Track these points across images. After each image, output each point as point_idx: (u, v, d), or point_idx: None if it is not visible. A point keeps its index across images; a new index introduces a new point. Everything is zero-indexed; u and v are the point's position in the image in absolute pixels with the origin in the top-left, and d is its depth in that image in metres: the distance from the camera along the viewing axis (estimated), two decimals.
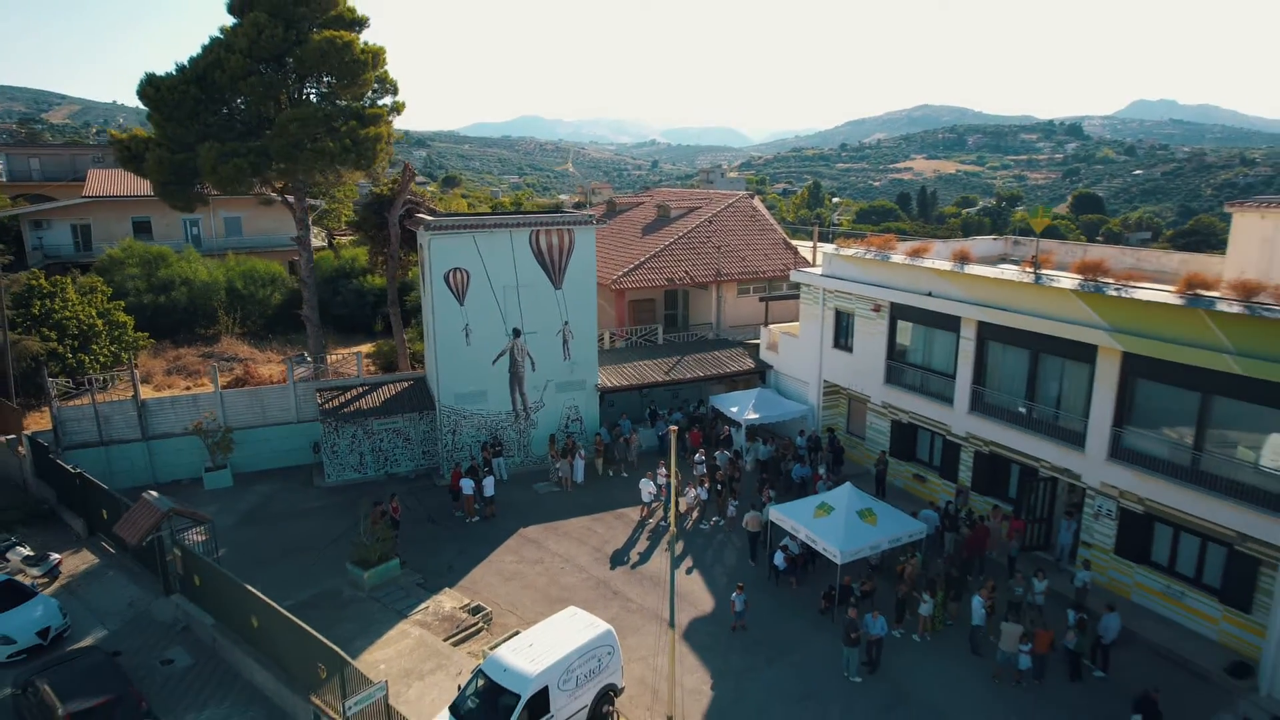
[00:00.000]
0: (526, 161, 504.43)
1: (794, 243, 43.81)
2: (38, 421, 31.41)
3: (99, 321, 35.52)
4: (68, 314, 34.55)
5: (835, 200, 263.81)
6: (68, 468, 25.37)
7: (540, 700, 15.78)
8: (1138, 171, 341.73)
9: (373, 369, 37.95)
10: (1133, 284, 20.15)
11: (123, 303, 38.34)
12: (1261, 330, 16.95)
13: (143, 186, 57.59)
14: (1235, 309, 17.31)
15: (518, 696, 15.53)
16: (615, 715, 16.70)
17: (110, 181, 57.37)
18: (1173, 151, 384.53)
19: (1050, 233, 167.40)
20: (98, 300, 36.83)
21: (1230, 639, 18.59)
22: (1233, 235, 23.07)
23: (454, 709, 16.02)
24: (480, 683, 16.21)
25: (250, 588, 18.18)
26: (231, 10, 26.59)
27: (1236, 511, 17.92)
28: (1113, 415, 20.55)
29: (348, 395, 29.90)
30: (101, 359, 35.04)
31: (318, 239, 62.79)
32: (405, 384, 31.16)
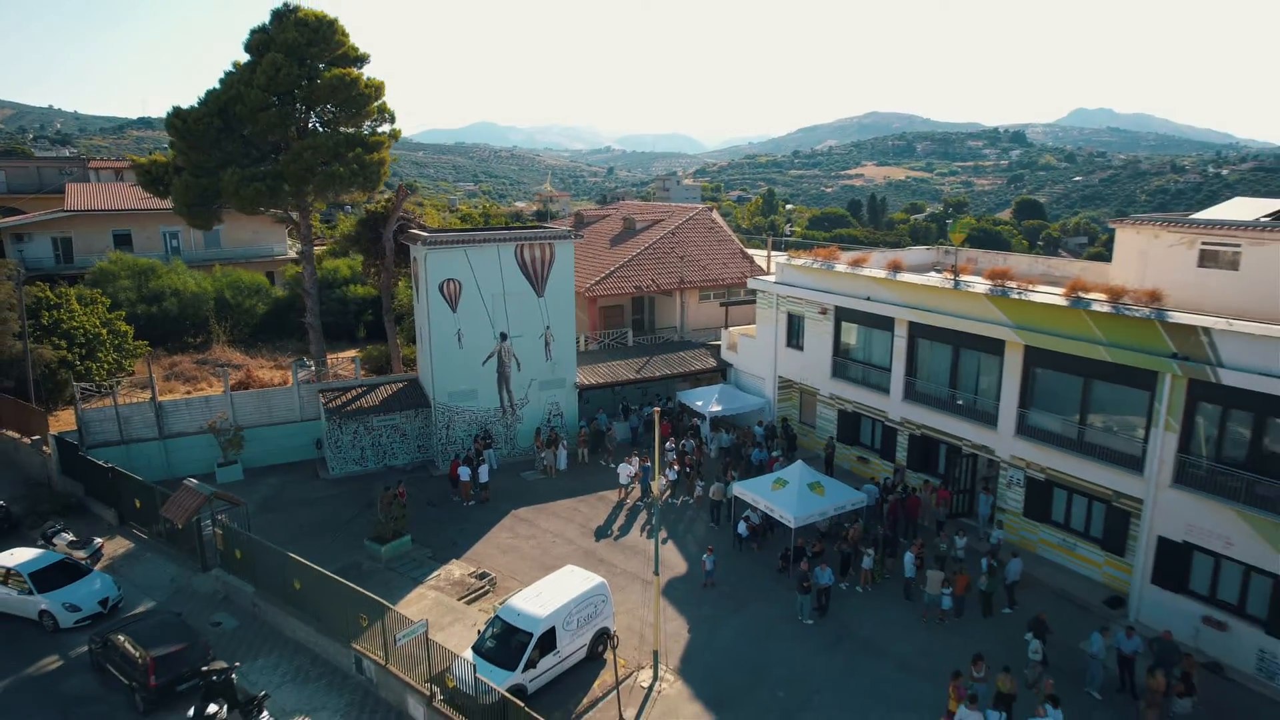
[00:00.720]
0: (481, 169, 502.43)
1: (749, 251, 47.61)
2: (54, 424, 33.67)
3: (103, 331, 37.80)
4: (74, 324, 36.80)
5: (789, 207, 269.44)
6: (100, 463, 27.93)
7: (548, 638, 19.09)
8: (1078, 178, 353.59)
9: (363, 372, 40.71)
10: (1031, 289, 24.18)
11: (123, 312, 40.56)
12: (1125, 325, 21.02)
13: (123, 200, 59.69)
14: (1105, 309, 21.37)
15: (530, 634, 18.82)
16: (615, 641, 19.90)
17: (90, 195, 58.98)
18: (1109, 159, 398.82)
19: (993, 238, 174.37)
20: (99, 311, 39.07)
21: (1110, 578, 22.62)
22: (1116, 247, 27.30)
23: (476, 648, 19.21)
24: (496, 628, 19.46)
25: (294, 555, 21.18)
26: (249, 49, 29.41)
27: (1112, 474, 21.98)
28: (1018, 399, 24.55)
29: (348, 395, 32.77)
30: (106, 366, 37.35)
31: (292, 251, 65.10)
32: (400, 385, 34.14)
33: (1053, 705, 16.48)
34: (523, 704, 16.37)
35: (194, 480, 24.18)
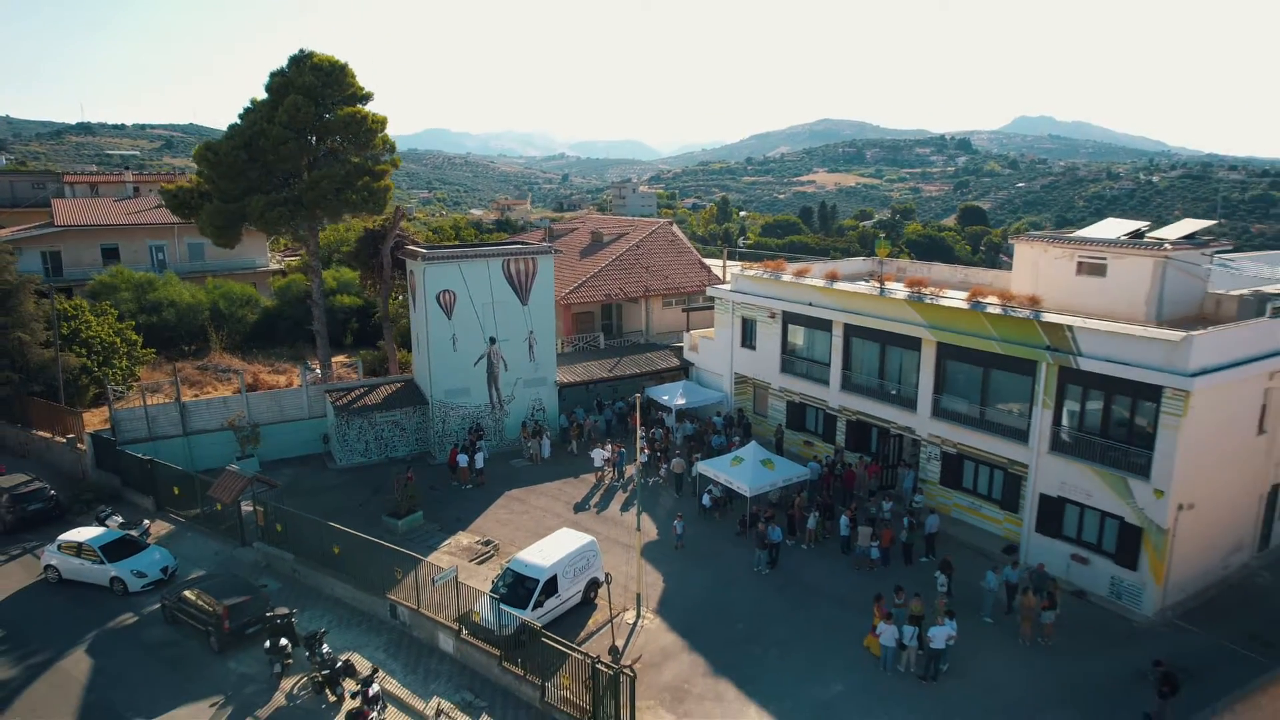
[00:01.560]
0: (435, 176, 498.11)
1: (707, 261, 52.39)
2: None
3: (117, 339, 41.06)
4: (90, 333, 40.03)
5: (743, 214, 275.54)
6: (140, 456, 31.49)
7: (552, 584, 23.42)
8: (1020, 184, 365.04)
9: (356, 374, 44.44)
10: (941, 295, 29.21)
11: (133, 322, 43.77)
12: (1012, 324, 26.09)
13: (111, 215, 62.33)
14: (997, 311, 26.43)
15: (537, 580, 23.12)
16: (610, 578, 24.22)
17: (79, 211, 61.44)
18: (1050, 166, 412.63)
19: (938, 244, 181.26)
20: (110, 321, 42.27)
21: (1007, 531, 27.67)
22: (1015, 259, 32.50)
23: (492, 594, 23.42)
24: (508, 578, 23.71)
25: (333, 524, 25.19)
26: (269, 90, 33.14)
27: (1006, 445, 27.04)
28: (933, 386, 29.52)
29: (353, 395, 36.64)
30: (120, 372, 40.60)
31: (273, 263, 68.25)
32: (398, 385, 38.10)
33: (950, 618, 21.33)
34: (538, 627, 20.66)
35: (236, 466, 27.95)
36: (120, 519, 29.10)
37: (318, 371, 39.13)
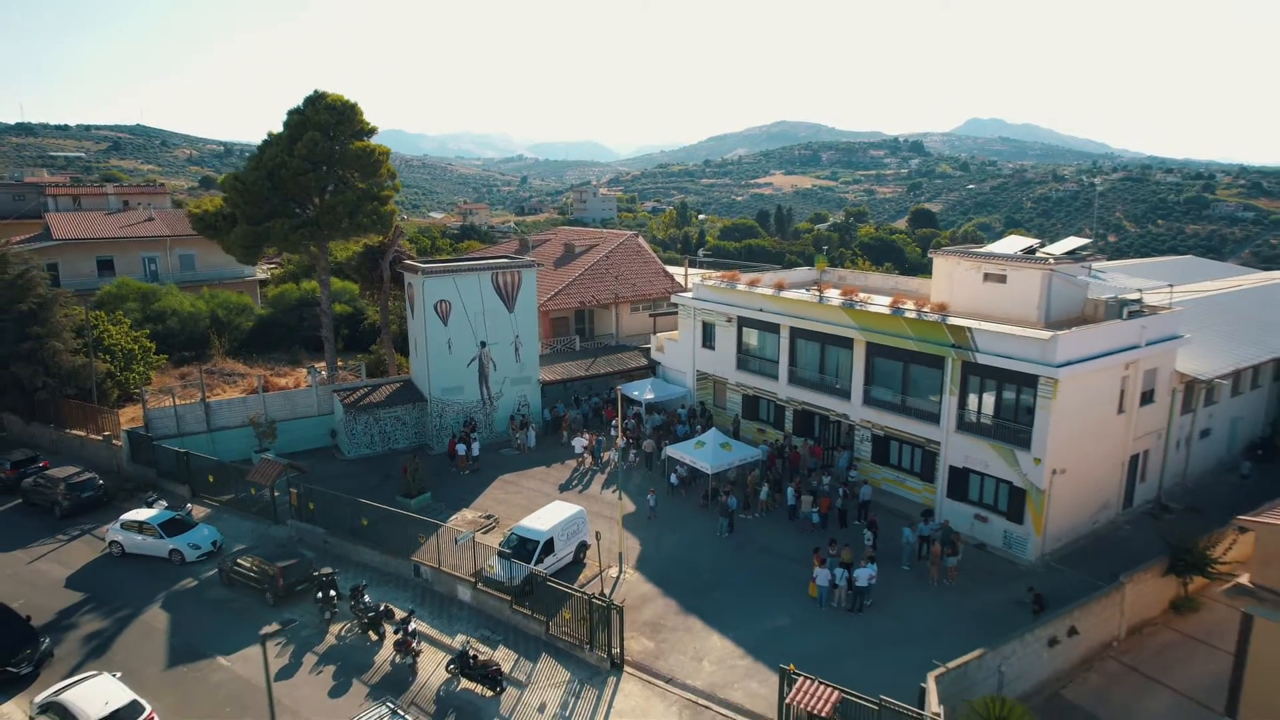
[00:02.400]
0: None
1: (670, 269, 57.60)
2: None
3: (135, 347, 45.00)
4: (111, 341, 43.93)
5: (701, 217, 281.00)
6: (176, 450, 35.72)
7: (549, 545, 28.38)
8: (971, 186, 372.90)
9: (359, 376, 48.84)
10: (869, 302, 34.73)
11: (147, 330, 47.68)
12: (924, 326, 31.67)
13: (105, 229, 65.62)
14: (912, 315, 32.01)
15: (538, 542, 28.07)
16: (599, 535, 29.22)
17: (75, 224, 64.59)
18: (1000, 168, 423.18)
19: (889, 246, 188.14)
20: (125, 330, 46.15)
21: (925, 499, 33.27)
22: (934, 270, 38.10)
23: (499, 554, 28.32)
24: (513, 541, 28.59)
25: (361, 499, 29.85)
26: (287, 126, 37.42)
27: (923, 426, 32.63)
28: (864, 379, 35.02)
29: (358, 394, 41.13)
30: (138, 376, 44.55)
31: (259, 274, 71.95)
32: (397, 385, 42.67)
33: (871, 562, 26.78)
34: (545, 575, 25.61)
35: (269, 454, 32.41)
36: (165, 504, 33.35)
37: (324, 374, 43.51)
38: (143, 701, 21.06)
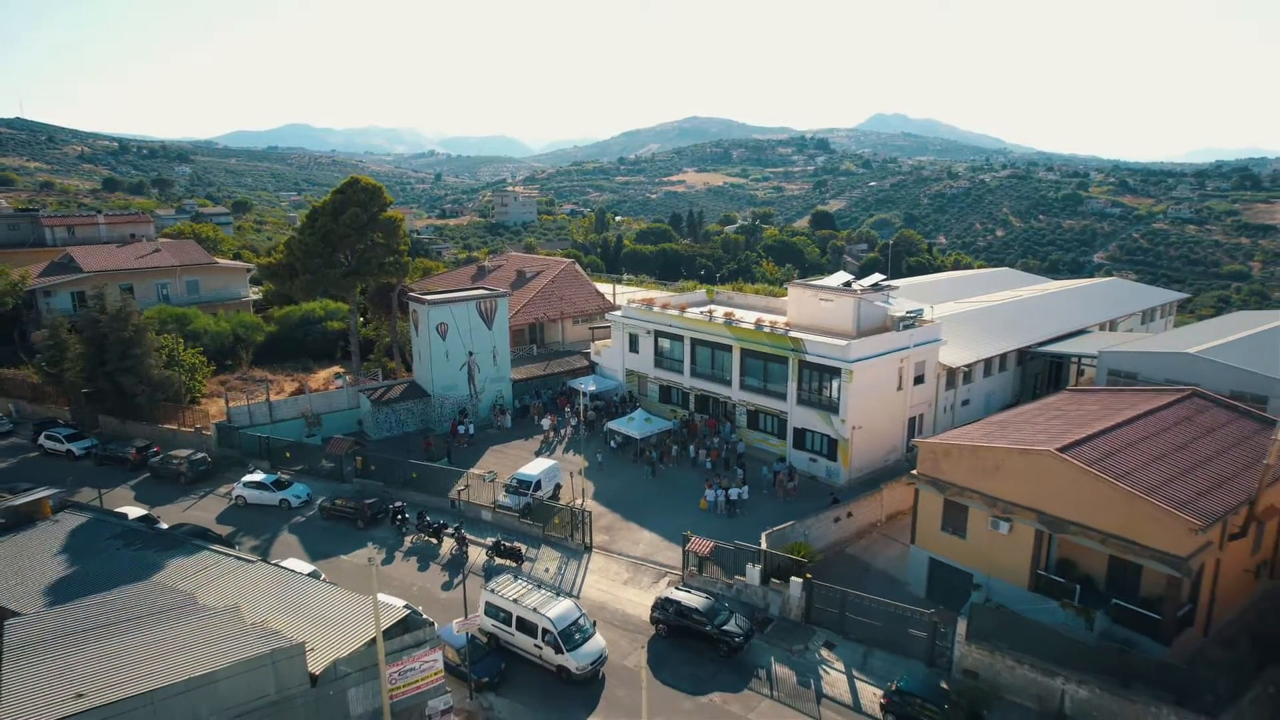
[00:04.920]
0: (302, 176, 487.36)
1: (602, 288, 73.66)
2: (192, 418, 54.43)
3: (195, 361, 58.56)
4: (181, 357, 57.41)
5: (618, 219, 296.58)
6: (259, 435, 50.00)
7: (538, 484, 44.21)
8: (873, 183, 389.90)
9: (357, 380, 63.28)
10: (741, 320, 51.65)
11: (199, 346, 61.07)
12: (775, 337, 48.68)
13: (127, 261, 77.59)
14: (768, 329, 49.05)
15: (531, 482, 43.89)
16: (572, 477, 45.20)
17: (100, 258, 76.32)
18: (900, 164, 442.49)
19: (790, 248, 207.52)
20: (181, 347, 59.53)
21: (781, 451, 50.32)
22: (789, 295, 55.23)
23: (507, 489, 43.92)
24: (514, 482, 44.26)
25: (411, 460, 45.12)
26: (333, 197, 52.08)
27: (777, 403, 49.70)
28: (740, 372, 51.89)
29: (379, 392, 55.90)
30: (200, 383, 58.11)
31: (251, 295, 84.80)
32: (405, 384, 57.59)
33: (741, 485, 43.66)
34: (545, 498, 41.53)
35: (340, 435, 47.27)
36: (263, 471, 47.71)
37: (349, 377, 58.08)
38: (318, 570, 36.13)
